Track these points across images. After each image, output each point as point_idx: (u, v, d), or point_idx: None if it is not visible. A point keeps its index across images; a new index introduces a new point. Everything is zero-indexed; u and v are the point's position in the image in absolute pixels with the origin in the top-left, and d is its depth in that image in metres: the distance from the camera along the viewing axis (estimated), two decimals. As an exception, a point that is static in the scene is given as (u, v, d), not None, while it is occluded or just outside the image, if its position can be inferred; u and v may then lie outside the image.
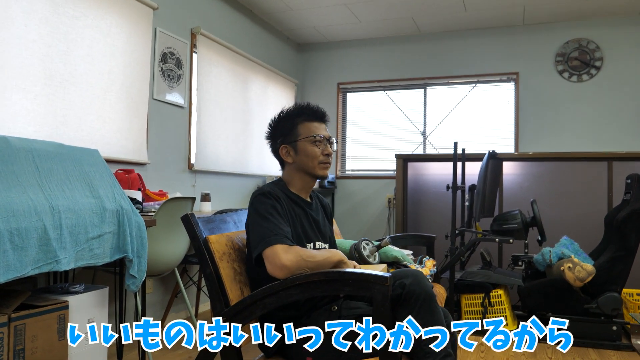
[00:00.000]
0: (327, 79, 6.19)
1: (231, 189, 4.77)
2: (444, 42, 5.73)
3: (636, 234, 3.36)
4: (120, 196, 2.35)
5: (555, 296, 3.46)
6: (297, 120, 1.86)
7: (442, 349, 1.55)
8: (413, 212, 4.80)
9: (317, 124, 1.87)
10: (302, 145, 1.83)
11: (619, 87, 5.14)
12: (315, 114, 1.89)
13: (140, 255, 2.35)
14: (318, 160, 1.84)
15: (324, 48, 6.21)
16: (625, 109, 5.11)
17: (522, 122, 5.42)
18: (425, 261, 3.07)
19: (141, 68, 3.60)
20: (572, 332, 3.46)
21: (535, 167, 4.44)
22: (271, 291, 1.55)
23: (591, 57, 5.22)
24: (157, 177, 3.78)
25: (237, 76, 4.86)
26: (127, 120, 3.47)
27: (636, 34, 5.11)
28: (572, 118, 5.26)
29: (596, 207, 4.24)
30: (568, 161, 4.34)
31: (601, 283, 3.39)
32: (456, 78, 5.70)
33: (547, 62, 5.37)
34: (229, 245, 1.77)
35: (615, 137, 5.12)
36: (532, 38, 5.42)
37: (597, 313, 3.38)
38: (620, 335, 3.36)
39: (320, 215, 1.96)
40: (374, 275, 1.46)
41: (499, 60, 5.53)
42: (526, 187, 4.44)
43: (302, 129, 1.85)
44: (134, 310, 3.45)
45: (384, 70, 5.95)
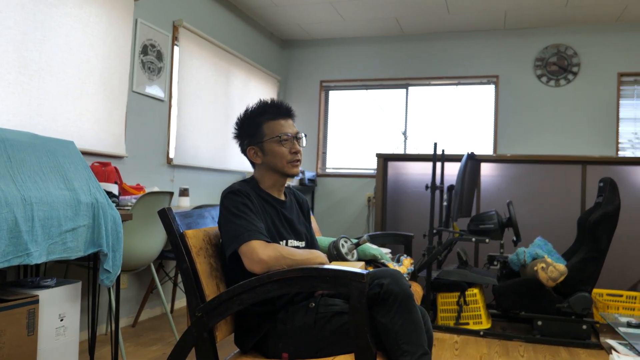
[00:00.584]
0: (309, 77, 6.18)
1: (210, 185, 4.73)
2: (427, 43, 5.77)
3: (607, 237, 3.43)
4: (95, 189, 2.31)
5: (528, 295, 3.51)
6: (261, 120, 1.82)
7: (419, 348, 1.55)
8: (392, 211, 4.83)
9: (282, 122, 1.83)
10: (268, 146, 1.80)
11: (594, 93, 5.24)
12: (279, 111, 1.84)
13: (115, 250, 2.31)
14: (287, 160, 1.81)
15: (308, 45, 6.20)
16: (600, 114, 5.21)
17: (501, 125, 5.49)
18: (403, 259, 3.09)
19: (121, 59, 3.55)
20: (543, 331, 3.54)
21: (512, 169, 4.49)
22: (248, 287, 1.54)
23: (569, 62, 5.30)
24: (134, 170, 3.73)
25: (219, 71, 4.82)
26: (105, 112, 3.42)
27: (612, 41, 5.21)
28: (549, 122, 5.34)
29: (570, 209, 4.32)
30: (544, 164, 4.41)
31: (573, 283, 3.45)
32: (438, 79, 5.74)
33: (527, 66, 5.44)
34: (206, 240, 1.76)
35: (589, 142, 5.21)
36: (512, 42, 5.49)
37: (568, 312, 3.44)
38: (590, 334, 3.43)
39: (295, 213, 1.94)
40: (351, 272, 1.46)
41: (480, 63, 5.59)
42: (503, 188, 4.50)
43: (267, 128, 1.81)
44: (107, 306, 3.41)
45: (367, 69, 5.97)
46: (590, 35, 5.27)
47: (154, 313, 3.95)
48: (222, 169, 4.86)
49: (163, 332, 3.49)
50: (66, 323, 2.21)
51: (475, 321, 3.70)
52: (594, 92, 5.24)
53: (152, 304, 3.92)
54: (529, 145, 5.38)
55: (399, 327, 1.55)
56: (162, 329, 3.56)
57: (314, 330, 1.63)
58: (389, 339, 1.56)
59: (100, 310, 3.34)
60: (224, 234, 1.70)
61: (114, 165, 3.25)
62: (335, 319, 1.63)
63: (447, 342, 3.47)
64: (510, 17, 5.16)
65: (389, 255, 2.99)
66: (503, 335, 3.60)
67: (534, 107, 5.39)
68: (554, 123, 5.33)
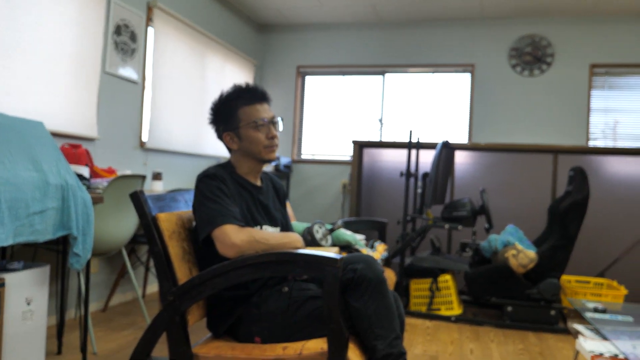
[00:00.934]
0: (286, 61, 6.12)
1: (184, 169, 4.67)
2: (404, 30, 5.77)
3: (576, 224, 3.50)
4: (65, 171, 2.26)
5: (499, 282, 3.57)
6: (236, 105, 1.79)
7: (392, 332, 1.57)
8: (367, 197, 4.85)
9: (257, 106, 1.80)
10: (244, 131, 1.78)
11: (567, 83, 5.32)
12: (254, 96, 1.81)
13: (85, 233, 2.27)
14: (263, 145, 1.79)
15: (285, 30, 6.14)
16: (572, 104, 5.29)
17: (476, 113, 5.54)
18: (377, 245, 3.11)
19: (93, 39, 3.46)
20: (513, 316, 3.61)
21: (486, 157, 4.55)
22: (221, 271, 1.53)
23: (543, 52, 5.37)
24: (106, 153, 3.66)
25: (194, 53, 4.75)
26: (76, 93, 3.34)
27: (585, 33, 5.28)
28: (523, 111, 5.41)
29: (541, 197, 4.39)
30: (517, 153, 4.47)
31: (542, 270, 3.52)
32: (414, 67, 5.76)
33: (502, 55, 5.49)
34: (179, 224, 1.73)
35: (561, 131, 5.30)
36: (488, 31, 5.53)
37: (537, 298, 3.52)
38: (558, 320, 3.51)
39: (271, 199, 1.92)
40: (324, 256, 1.46)
41: (456, 51, 5.62)
42: (477, 176, 4.55)
43: (243, 114, 1.79)
44: (77, 290, 3.35)
45: (344, 55, 5.95)
46: (564, 26, 5.34)
47: (126, 298, 3.90)
48: (196, 153, 4.81)
49: (134, 317, 3.45)
50: (33, 307, 2.17)
51: (447, 307, 3.75)
52: (566, 83, 5.32)
53: (123, 289, 3.88)
54: (502, 134, 5.44)
55: (372, 311, 1.56)
56: (133, 314, 3.53)
57: (287, 314, 1.63)
58: (362, 323, 1.57)
59: (69, 294, 3.29)
60: (197, 218, 1.68)
61: (85, 147, 3.18)
62: (308, 304, 1.63)
63: (419, 328, 3.51)
64: (487, 6, 5.19)
65: (363, 241, 3.00)
66: (474, 321, 3.67)
67: (509, 96, 5.45)
68: (528, 112, 5.40)
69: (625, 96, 5.28)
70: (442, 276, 3.78)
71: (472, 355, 2.99)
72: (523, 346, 3.19)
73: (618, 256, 4.19)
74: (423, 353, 2.98)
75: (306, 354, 1.51)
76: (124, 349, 2.82)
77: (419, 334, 3.35)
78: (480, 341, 3.27)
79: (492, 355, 3.00)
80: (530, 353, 3.06)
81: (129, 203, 2.92)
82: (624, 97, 5.28)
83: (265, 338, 1.63)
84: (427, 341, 3.22)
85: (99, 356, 2.69)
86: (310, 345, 1.54)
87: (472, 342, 3.23)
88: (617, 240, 4.23)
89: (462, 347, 3.12)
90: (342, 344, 1.44)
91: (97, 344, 2.87)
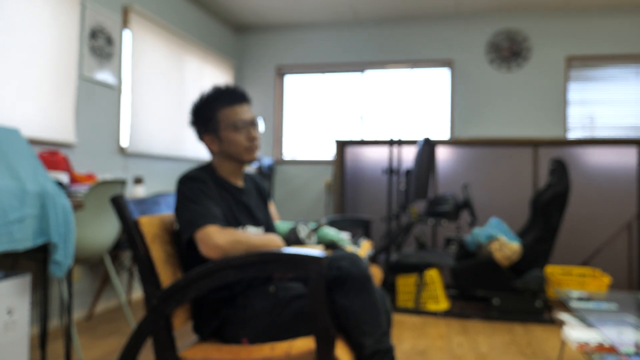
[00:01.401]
0: (265, 62, 6.10)
1: (165, 173, 4.63)
2: (382, 27, 5.78)
3: (558, 215, 3.54)
4: (43, 178, 2.22)
5: (484, 275, 3.60)
6: (215, 107, 1.77)
7: (379, 328, 1.56)
8: (351, 195, 4.85)
9: (237, 108, 1.78)
10: (224, 134, 1.76)
11: (544, 77, 5.38)
12: (233, 97, 1.79)
13: (66, 240, 2.23)
14: (243, 147, 1.77)
15: (263, 30, 6.12)
16: (550, 97, 5.35)
17: (456, 109, 5.57)
18: (362, 243, 3.11)
19: (68, 44, 3.40)
20: (499, 308, 3.64)
21: (467, 152, 4.58)
22: (205, 272, 1.51)
23: (519, 47, 5.42)
24: (85, 159, 3.60)
25: (172, 56, 4.70)
26: (52, 98, 3.28)
27: (560, 26, 5.35)
28: (502, 106, 5.46)
29: (523, 190, 4.44)
30: (498, 147, 4.51)
31: (527, 261, 3.55)
32: (393, 64, 5.77)
33: (479, 51, 5.53)
34: (162, 227, 1.71)
35: (540, 124, 5.35)
36: (466, 27, 5.57)
37: (522, 290, 3.55)
38: (544, 310, 3.55)
39: (253, 200, 1.91)
40: (309, 255, 1.45)
41: (434, 48, 5.65)
42: (459, 171, 4.58)
43: (222, 115, 1.77)
44: (59, 298, 3.30)
45: (323, 54, 5.94)
46: (540, 20, 5.40)
47: (110, 305, 3.85)
48: (177, 157, 4.77)
49: (119, 324, 3.41)
50: (15, 317, 2.12)
51: (434, 302, 3.77)
52: (544, 76, 5.38)
53: (107, 296, 3.83)
54: (483, 129, 5.48)
55: (359, 308, 1.56)
56: (118, 321, 3.48)
57: (273, 314, 1.62)
58: (349, 321, 1.57)
59: (52, 303, 3.23)
60: (180, 220, 1.66)
61: (64, 153, 3.13)
62: (294, 303, 1.62)
63: (407, 324, 3.52)
64: (463, 2, 5.22)
65: (347, 239, 3.00)
66: (461, 315, 3.69)
67: (488, 91, 5.50)
68: (507, 106, 5.45)
69: (601, 87, 5.35)
70: (428, 271, 3.79)
71: (460, 348, 3.00)
72: (510, 338, 3.21)
73: (600, 245, 4.25)
74: (411, 348, 2.98)
75: (295, 353, 1.50)
76: (110, 356, 2.78)
77: (407, 330, 3.36)
78: (468, 334, 3.28)
79: (480, 348, 3.01)
80: (518, 344, 3.08)
81: (110, 209, 2.88)
82: (601, 88, 5.36)
83: (252, 339, 1.62)
84: (416, 336, 3.22)
85: (84, 365, 2.65)
86: (298, 345, 1.53)
87: (460, 336, 3.25)
88: (598, 230, 4.29)
89: (450, 341, 3.14)
90: (329, 342, 1.44)
91: (83, 352, 2.82)
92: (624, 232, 4.23)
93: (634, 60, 5.27)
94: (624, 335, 1.93)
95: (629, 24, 5.24)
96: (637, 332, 1.99)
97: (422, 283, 3.77)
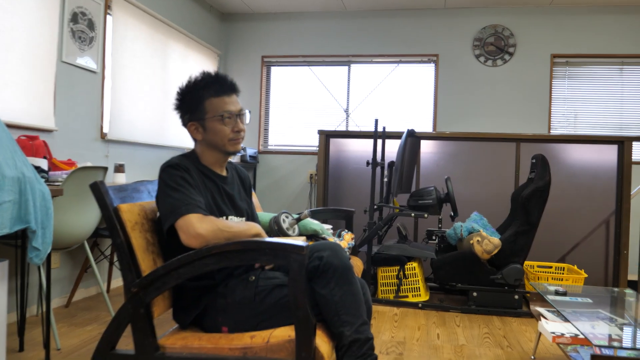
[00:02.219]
0: (251, 52, 6.06)
1: (148, 161, 4.59)
2: (369, 20, 5.78)
3: (538, 211, 3.58)
4: (22, 163, 2.18)
5: (464, 268, 3.64)
6: (203, 95, 1.72)
7: (359, 318, 1.57)
8: (334, 187, 4.85)
9: (226, 98, 1.74)
10: (210, 123, 1.73)
11: (528, 73, 5.43)
12: (223, 87, 1.74)
13: (44, 227, 2.20)
14: (228, 138, 1.74)
15: (249, 19, 6.07)
16: (533, 93, 5.41)
17: (440, 103, 5.60)
18: (344, 235, 3.12)
19: (48, 28, 3.34)
20: (478, 301, 3.68)
21: (450, 146, 4.60)
22: (186, 261, 1.50)
23: (505, 43, 5.46)
24: (65, 145, 3.55)
25: (155, 43, 4.65)
26: (31, 82, 3.22)
27: (546, 23, 5.39)
28: (486, 101, 5.50)
29: (504, 184, 4.48)
30: (480, 141, 4.54)
31: (506, 255, 3.60)
32: (380, 57, 5.78)
33: (466, 45, 5.56)
34: (142, 215, 1.70)
35: (524, 120, 5.41)
36: (452, 22, 5.58)
37: (501, 283, 3.60)
38: (521, 304, 3.60)
39: (236, 189, 1.89)
40: (290, 244, 1.45)
41: (420, 42, 5.66)
42: (442, 164, 4.61)
43: (210, 105, 1.73)
44: (38, 286, 3.26)
45: (309, 46, 5.92)
46: (526, 16, 5.44)
47: (89, 293, 3.82)
48: (159, 144, 4.72)
49: (99, 312, 3.38)
50: (-9, 304, 2.09)
51: (414, 294, 3.80)
52: (528, 73, 5.43)
53: (87, 284, 3.79)
54: (467, 123, 5.52)
55: (339, 298, 1.57)
56: (97, 309, 3.45)
57: (253, 303, 1.62)
58: (329, 310, 1.57)
59: (31, 290, 3.19)
60: (161, 208, 1.64)
61: (43, 139, 3.08)
62: (275, 292, 1.62)
63: (387, 315, 3.55)
64: (450, -3, 5.23)
65: (330, 231, 3.00)
66: (440, 307, 3.73)
67: (472, 86, 5.53)
68: (491, 102, 5.49)
69: (584, 86, 5.42)
70: (409, 264, 3.82)
71: (438, 340, 3.03)
72: (488, 330, 3.26)
73: (579, 241, 4.32)
74: (391, 339, 3.01)
75: (274, 341, 1.50)
76: (89, 344, 2.76)
77: (386, 321, 3.39)
78: (446, 326, 3.32)
79: (458, 339, 3.05)
80: (495, 336, 3.12)
81: (90, 196, 2.85)
82: (584, 86, 5.42)
83: (232, 328, 1.62)
84: (395, 327, 3.25)
85: (62, 352, 2.62)
86: (277, 333, 1.53)
87: (438, 328, 3.28)
88: (577, 226, 4.35)
89: (429, 333, 3.17)
90: (309, 331, 1.44)
91: (61, 339, 2.80)
92: (602, 229, 4.30)
93: (617, 59, 5.34)
94: (598, 328, 1.97)
95: (613, 22, 5.31)
96: (610, 325, 2.03)
97: (403, 275, 3.80)
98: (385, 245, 3.84)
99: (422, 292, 3.80)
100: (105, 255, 3.88)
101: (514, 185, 4.46)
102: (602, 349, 1.93)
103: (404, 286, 3.81)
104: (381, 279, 3.86)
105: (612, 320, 2.11)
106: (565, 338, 2.29)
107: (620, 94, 5.36)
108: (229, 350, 1.52)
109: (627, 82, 5.35)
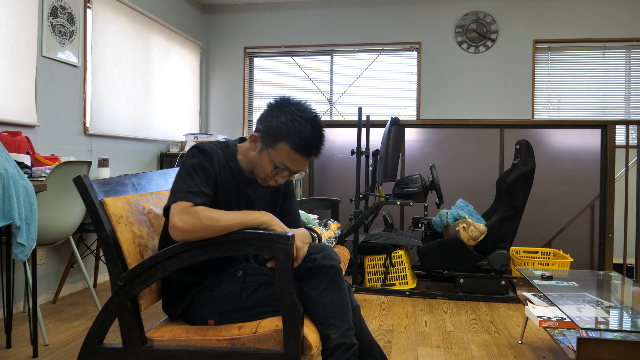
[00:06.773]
0: (233, 43, 6.02)
1: (131, 154, 4.55)
2: (351, 9, 5.76)
3: (523, 196, 3.62)
4: (4, 159, 2.16)
5: (451, 255, 3.67)
6: (288, 140, 1.58)
7: (345, 323, 1.58)
8: (319, 177, 4.86)
9: (298, 158, 1.61)
10: (266, 155, 1.62)
11: (511, 59, 5.46)
12: (306, 150, 1.60)
13: (29, 222, 2.18)
14: (264, 176, 1.66)
15: (231, 10, 6.02)
16: (516, 79, 5.44)
17: (424, 90, 5.62)
18: (330, 224, 3.13)
19: (27, 22, 3.29)
20: (465, 288, 3.72)
21: (434, 133, 4.63)
22: (172, 253, 1.50)
23: (487, 29, 5.48)
24: (48, 140, 3.51)
25: (136, 36, 4.59)
26: (11, 78, 3.18)
27: (527, 9, 5.42)
28: (470, 87, 5.52)
29: (489, 171, 4.52)
30: (464, 128, 4.57)
31: (492, 241, 3.64)
32: (362, 46, 5.77)
33: (448, 33, 5.57)
34: (127, 208, 1.69)
35: (507, 106, 5.45)
36: (434, 9, 5.59)
37: (487, 269, 3.64)
38: (508, 289, 3.65)
39: (261, 195, 1.79)
40: (276, 234, 1.45)
41: (402, 30, 5.66)
42: (426, 152, 4.63)
43: (282, 149, 1.60)
44: (24, 282, 3.24)
45: (292, 36, 5.89)
46: (508, 2, 5.46)
47: (76, 288, 3.80)
48: (143, 138, 4.69)
49: (86, 307, 3.37)
50: (-23, 302, 2.07)
51: (401, 282, 3.83)
52: (511, 59, 5.46)
53: (73, 279, 3.77)
54: (451, 111, 5.55)
55: (327, 301, 1.57)
56: (85, 304, 3.44)
57: (239, 298, 1.62)
58: (316, 312, 1.57)
59: (17, 287, 3.17)
60: (171, 186, 1.60)
61: (25, 134, 3.05)
62: (261, 289, 1.62)
63: (374, 303, 3.57)
64: (433, -16, 5.23)
65: (316, 221, 3.01)
66: (427, 294, 3.76)
67: (455, 73, 5.55)
68: (474, 88, 5.52)
69: (567, 70, 5.46)
70: (396, 252, 3.85)
71: (426, 327, 3.07)
72: (475, 316, 3.30)
73: (564, 226, 4.37)
74: (379, 327, 3.03)
75: (261, 332, 1.51)
76: (76, 339, 2.75)
77: (374, 309, 3.41)
78: (434, 313, 3.36)
79: (445, 326, 3.09)
80: (482, 322, 3.17)
81: (75, 190, 2.83)
82: (567, 71, 5.47)
83: (217, 321, 1.62)
84: (383, 315, 3.28)
85: (50, 348, 2.61)
86: (265, 324, 1.54)
87: (426, 315, 3.32)
88: (562, 211, 4.41)
89: (416, 320, 3.20)
90: (296, 320, 1.45)
91: (48, 335, 2.78)
92: (587, 213, 4.36)
93: (599, 43, 5.38)
94: (584, 312, 2.00)
95: (594, 7, 5.35)
96: (596, 308, 2.06)
97: (390, 263, 3.83)
98: (371, 234, 3.86)
99: (409, 279, 3.83)
100: (91, 250, 3.85)
101: (498, 171, 4.50)
102: (589, 332, 1.97)
103: (391, 274, 3.84)
104: (368, 268, 3.89)
105: (599, 303, 2.14)
106: (552, 322, 2.33)
107: (602, 78, 5.41)
108: (217, 342, 1.53)
109: (609, 66, 5.40)
